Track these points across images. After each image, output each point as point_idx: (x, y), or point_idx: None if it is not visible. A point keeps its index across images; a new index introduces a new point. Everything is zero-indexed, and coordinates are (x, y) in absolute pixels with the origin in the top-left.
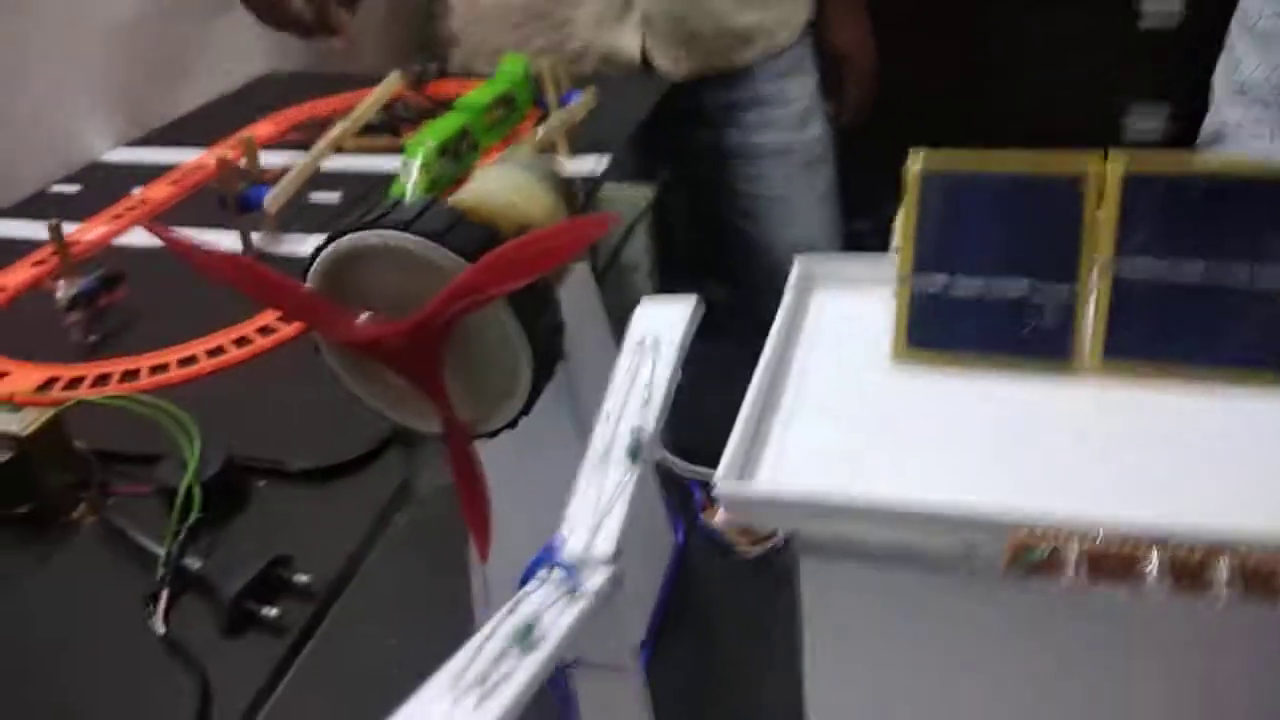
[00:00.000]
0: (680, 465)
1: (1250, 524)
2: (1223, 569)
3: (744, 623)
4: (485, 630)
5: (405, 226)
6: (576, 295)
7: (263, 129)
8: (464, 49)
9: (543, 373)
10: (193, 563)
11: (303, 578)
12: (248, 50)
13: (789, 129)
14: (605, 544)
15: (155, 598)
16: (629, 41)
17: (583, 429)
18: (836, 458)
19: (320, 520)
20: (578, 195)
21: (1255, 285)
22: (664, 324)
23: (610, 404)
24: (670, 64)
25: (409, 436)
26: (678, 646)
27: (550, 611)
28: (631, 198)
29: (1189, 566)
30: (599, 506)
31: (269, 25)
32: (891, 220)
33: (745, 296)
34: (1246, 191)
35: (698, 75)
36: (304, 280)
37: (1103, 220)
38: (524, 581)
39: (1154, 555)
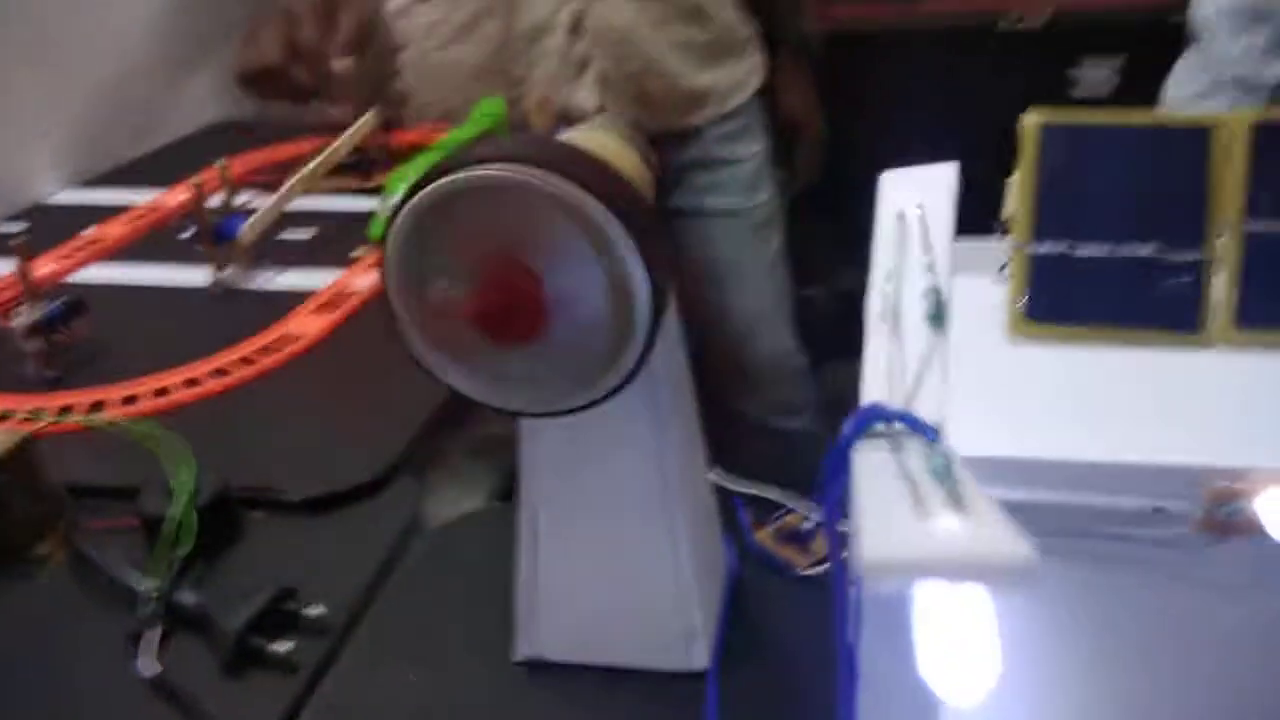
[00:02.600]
0: (738, 482)
1: None
2: None
3: (807, 642)
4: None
5: (520, 159)
6: None
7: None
8: (417, 105)
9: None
10: (186, 597)
11: (315, 610)
12: (200, 98)
13: (738, 192)
14: (931, 410)
15: (138, 637)
16: (585, 99)
17: (661, 434)
18: (985, 423)
19: (325, 552)
20: (654, 157)
21: None
22: (923, 191)
23: (881, 271)
24: None
25: (418, 463)
26: (742, 669)
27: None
28: None
29: None
30: (907, 376)
31: (272, 100)
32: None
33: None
34: None
35: (650, 136)
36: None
37: (1230, 178)
38: (847, 443)
39: None
